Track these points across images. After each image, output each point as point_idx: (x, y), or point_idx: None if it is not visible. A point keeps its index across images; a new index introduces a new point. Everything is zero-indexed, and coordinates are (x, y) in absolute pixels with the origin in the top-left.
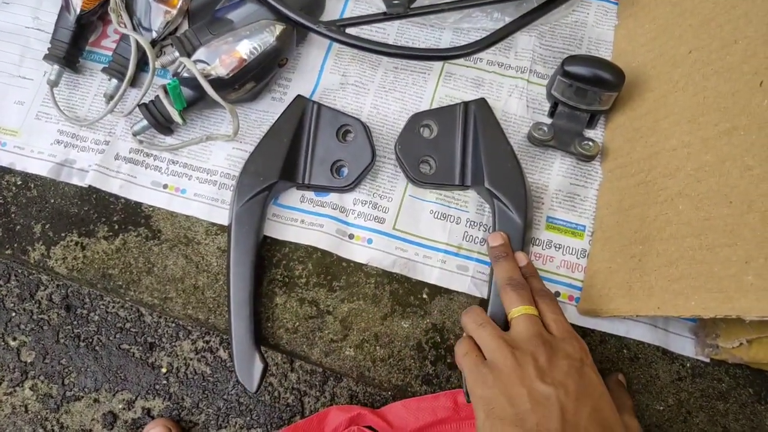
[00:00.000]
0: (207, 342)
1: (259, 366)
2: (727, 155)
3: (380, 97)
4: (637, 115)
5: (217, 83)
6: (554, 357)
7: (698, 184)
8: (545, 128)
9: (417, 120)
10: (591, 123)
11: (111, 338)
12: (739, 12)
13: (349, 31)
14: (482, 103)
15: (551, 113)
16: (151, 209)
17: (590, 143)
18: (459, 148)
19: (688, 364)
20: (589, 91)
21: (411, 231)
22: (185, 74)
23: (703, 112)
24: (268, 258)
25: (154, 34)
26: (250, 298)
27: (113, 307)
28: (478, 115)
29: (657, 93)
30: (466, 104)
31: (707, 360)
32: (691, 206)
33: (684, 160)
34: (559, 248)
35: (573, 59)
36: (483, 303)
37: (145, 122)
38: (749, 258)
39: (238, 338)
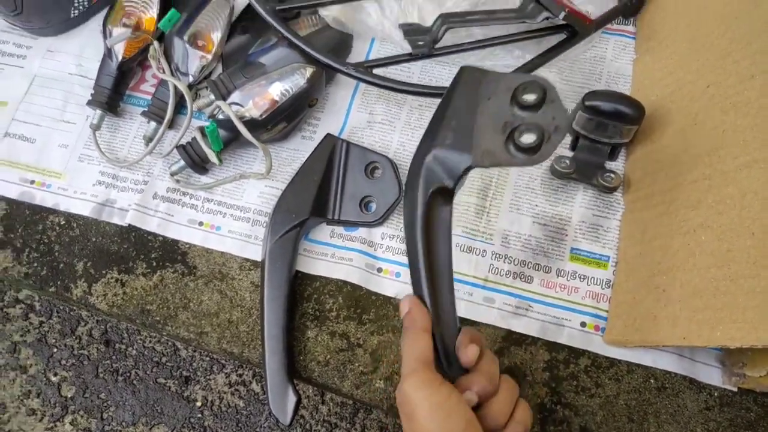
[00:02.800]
0: (240, 375)
1: (292, 399)
2: (747, 188)
3: (406, 134)
4: (657, 147)
5: (251, 124)
6: None
7: (720, 216)
8: (567, 161)
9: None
10: (612, 155)
11: (148, 372)
12: (755, 48)
13: (376, 71)
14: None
15: (573, 146)
16: (187, 246)
17: (612, 175)
18: None
19: (715, 394)
20: (610, 125)
21: None
22: (220, 116)
23: (723, 145)
24: (300, 292)
25: (191, 78)
26: (283, 332)
27: (150, 341)
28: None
29: (676, 126)
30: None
31: (735, 389)
32: (713, 238)
33: (705, 192)
34: (584, 279)
35: (593, 94)
36: (509, 334)
37: (182, 162)
38: None
39: (271, 372)
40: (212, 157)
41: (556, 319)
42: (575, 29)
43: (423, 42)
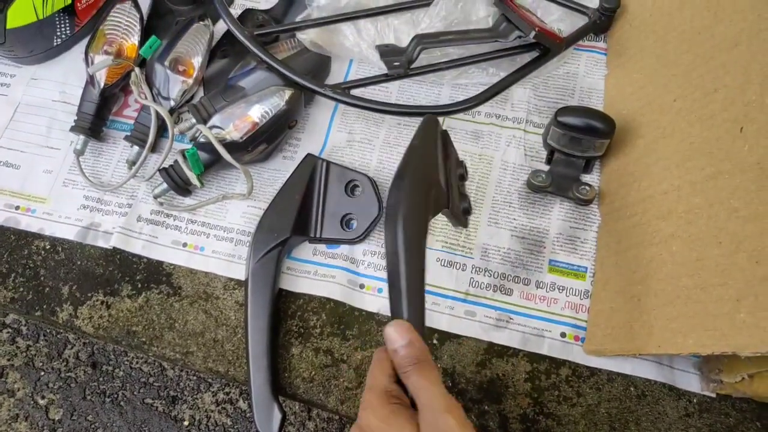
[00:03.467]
0: (227, 393)
1: (277, 416)
2: (714, 198)
3: (386, 152)
4: (629, 160)
5: (232, 146)
6: None
7: (689, 226)
8: (543, 175)
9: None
10: (587, 168)
11: (135, 393)
12: (717, 63)
13: (354, 92)
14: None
15: (548, 160)
16: (171, 267)
17: (587, 188)
18: None
19: (695, 400)
20: (583, 139)
21: None
22: (202, 139)
23: (690, 157)
24: (284, 310)
25: (172, 103)
26: (267, 350)
27: (137, 362)
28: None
29: (647, 139)
30: None
31: (713, 395)
32: (684, 247)
33: (675, 203)
34: (563, 290)
35: (565, 110)
36: (491, 346)
37: (165, 185)
38: (740, 296)
39: (256, 389)
40: (193, 179)
41: (536, 330)
42: (546, 47)
43: (399, 63)
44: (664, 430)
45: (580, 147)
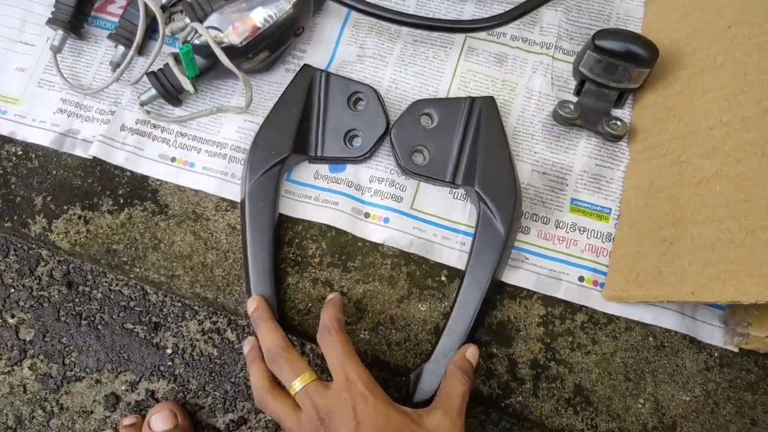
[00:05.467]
0: (214, 323)
1: None
2: None
3: (399, 71)
4: (669, 93)
5: (230, 52)
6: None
7: (738, 165)
8: (571, 106)
9: (418, 107)
10: (619, 102)
11: (114, 317)
12: None
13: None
14: (490, 101)
15: (577, 91)
16: (158, 183)
17: (618, 122)
18: (457, 144)
19: (716, 354)
20: (620, 67)
21: (429, 211)
22: (196, 41)
23: (744, 89)
24: (281, 236)
25: (163, 0)
26: (270, 280)
27: (117, 284)
28: (484, 113)
29: (692, 70)
30: (472, 100)
31: (736, 350)
32: (730, 187)
33: (722, 139)
34: (584, 231)
35: (605, 33)
36: (502, 285)
37: (153, 92)
38: None
39: None
40: (186, 84)
41: (553, 272)
42: None
43: None
44: (681, 384)
45: (615, 76)
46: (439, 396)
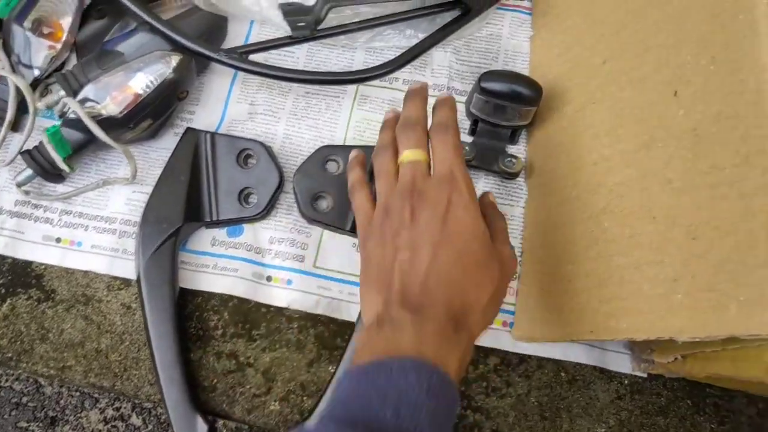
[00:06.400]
0: (117, 409)
1: (203, 429)
2: (647, 169)
3: (293, 125)
4: (557, 129)
5: (109, 123)
6: (418, 208)
7: (621, 200)
8: (467, 147)
9: (324, 153)
10: (513, 139)
11: (6, 416)
12: (649, 20)
13: (254, 57)
14: None
15: (472, 131)
16: (42, 267)
17: (513, 160)
18: None
19: (626, 381)
20: (508, 107)
21: (333, 267)
22: (72, 115)
23: (621, 124)
24: (180, 311)
25: (36, 72)
26: (178, 358)
27: (6, 380)
28: None
29: (575, 105)
30: None
31: (645, 375)
32: (615, 223)
33: (605, 175)
34: None
35: (489, 75)
36: None
37: (30, 171)
38: (677, 276)
39: (173, 404)
40: (60, 163)
41: None
42: (468, 6)
43: (304, 23)
44: (595, 416)
45: (505, 116)
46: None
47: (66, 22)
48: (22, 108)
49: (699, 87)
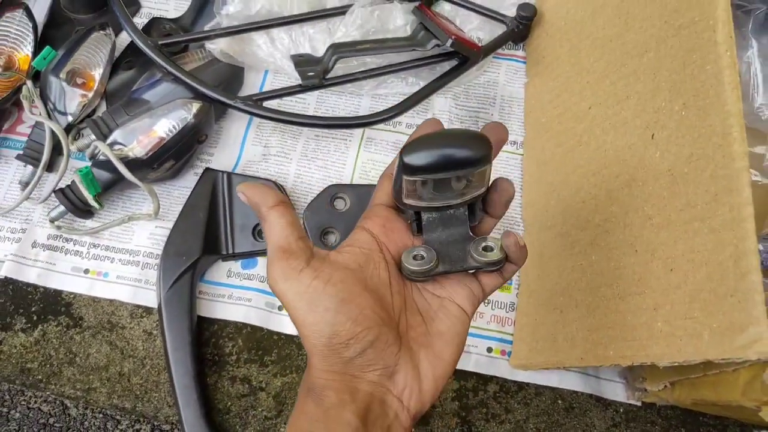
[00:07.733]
0: (137, 431)
1: None
2: (629, 206)
3: (303, 165)
4: (549, 169)
5: (135, 164)
6: None
7: (607, 235)
8: (423, 252)
9: (332, 191)
10: (474, 215)
11: None
12: (628, 69)
13: (268, 104)
14: None
15: (418, 229)
16: (71, 296)
17: (490, 244)
18: None
19: (621, 410)
20: (451, 179)
21: None
22: (101, 157)
23: (606, 164)
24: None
25: (70, 118)
26: (195, 382)
27: (35, 401)
28: None
29: (565, 147)
30: None
31: (639, 403)
32: (602, 256)
33: (592, 212)
34: (488, 303)
35: (411, 147)
36: None
37: (62, 208)
38: (657, 305)
39: (189, 425)
40: (90, 201)
41: None
42: (465, 56)
43: (313, 73)
44: None
45: (452, 191)
46: None
47: (98, 73)
48: (56, 150)
49: (673, 131)
